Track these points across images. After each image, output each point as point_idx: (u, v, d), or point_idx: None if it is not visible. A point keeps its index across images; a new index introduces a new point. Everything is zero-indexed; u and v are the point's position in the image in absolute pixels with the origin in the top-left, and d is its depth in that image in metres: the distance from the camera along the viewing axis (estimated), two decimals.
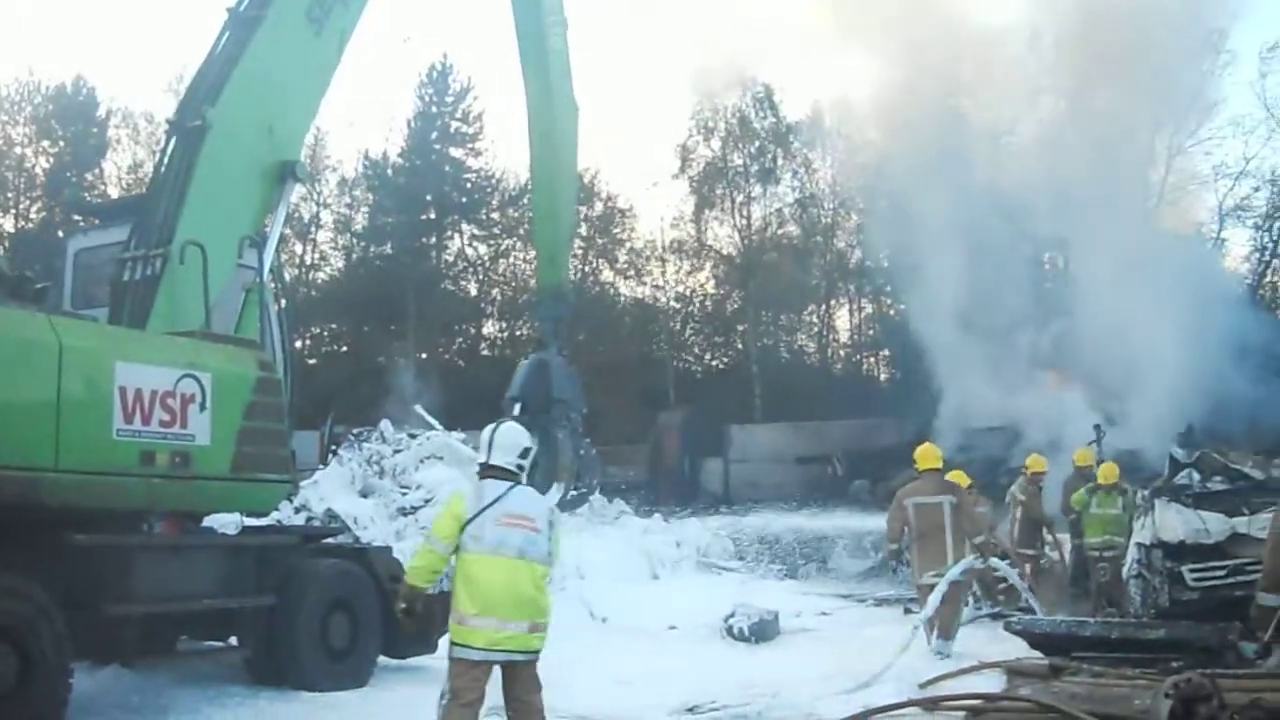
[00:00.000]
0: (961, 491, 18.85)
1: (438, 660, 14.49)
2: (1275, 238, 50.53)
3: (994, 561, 19.86)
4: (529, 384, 20.43)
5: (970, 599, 20.99)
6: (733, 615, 19.85)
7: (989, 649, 17.36)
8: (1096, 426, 27.89)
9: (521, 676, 10.04)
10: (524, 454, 10.22)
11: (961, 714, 13.01)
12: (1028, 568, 22.45)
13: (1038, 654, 16.42)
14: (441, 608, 10.01)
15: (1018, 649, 16.84)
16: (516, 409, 20.49)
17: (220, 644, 14.18)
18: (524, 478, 10.33)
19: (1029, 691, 14.20)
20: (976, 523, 18.61)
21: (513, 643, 9.85)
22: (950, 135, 39.85)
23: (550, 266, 21.30)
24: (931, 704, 13.57)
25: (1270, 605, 9.19)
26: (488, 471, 10.16)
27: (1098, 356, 32.50)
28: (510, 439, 10.22)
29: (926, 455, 18.76)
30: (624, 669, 16.19)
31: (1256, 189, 49.92)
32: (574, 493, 21.72)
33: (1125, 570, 19.24)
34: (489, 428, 10.38)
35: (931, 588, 17.52)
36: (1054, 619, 18.61)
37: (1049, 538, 23.07)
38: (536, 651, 10.09)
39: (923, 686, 14.79)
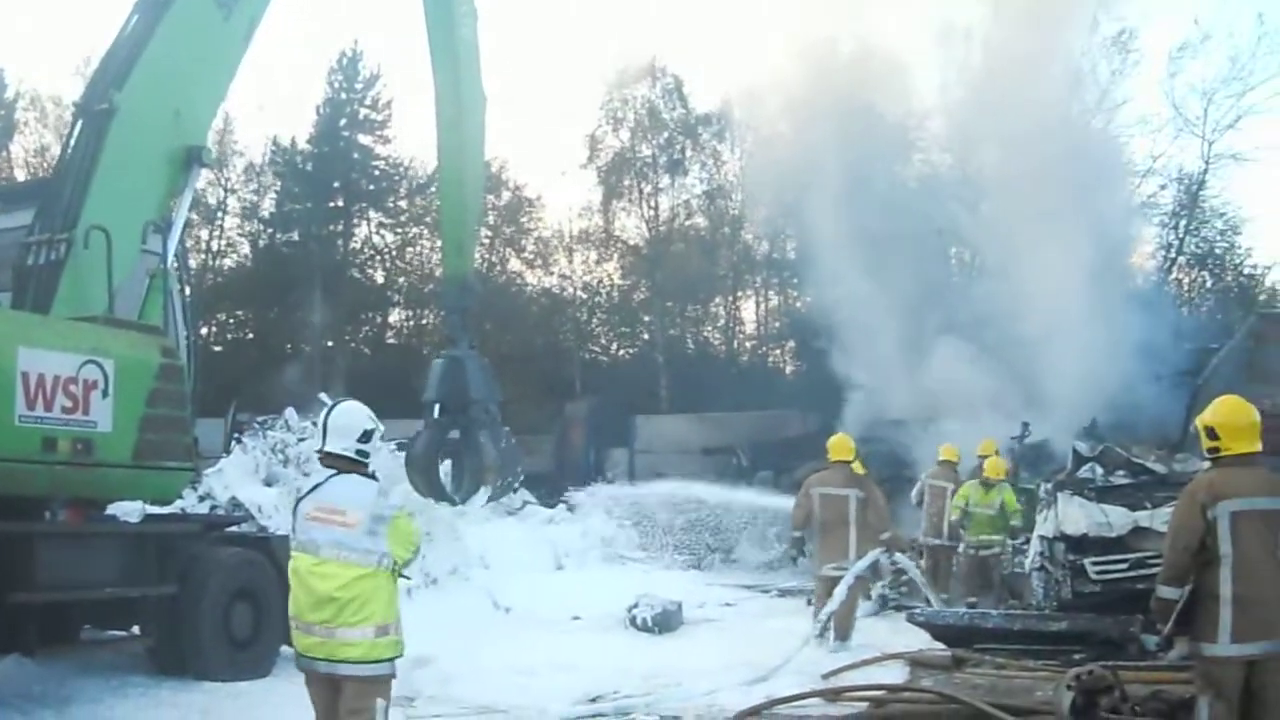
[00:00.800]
0: (870, 486, 18.93)
1: None
2: (1181, 235, 51.16)
3: (899, 558, 19.98)
4: (445, 385, 20.31)
5: (874, 593, 21.14)
6: (636, 605, 19.91)
7: (892, 640, 17.53)
8: (1025, 424, 28.08)
9: (347, 692, 8.82)
10: (365, 437, 9.11)
11: (864, 705, 13.11)
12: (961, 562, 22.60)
13: (940, 645, 16.59)
14: None
15: (920, 640, 17.01)
16: (436, 411, 20.39)
17: (123, 633, 14.09)
18: (370, 465, 9.24)
19: (931, 683, 14.36)
20: (884, 518, 18.69)
21: (320, 650, 8.73)
22: (860, 128, 39.90)
23: (457, 256, 21.17)
24: (834, 695, 13.68)
25: (1169, 598, 9.28)
26: (325, 460, 9.20)
27: (1007, 350, 32.62)
28: (347, 421, 9.20)
29: (838, 446, 18.84)
30: (527, 659, 16.23)
31: (1163, 186, 50.50)
32: (501, 484, 21.66)
33: (1029, 562, 19.39)
34: (325, 410, 9.43)
35: (830, 579, 17.64)
36: (957, 611, 18.80)
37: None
38: (353, 663, 8.72)
39: (825, 677, 14.91)
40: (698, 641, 18.88)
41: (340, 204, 62.78)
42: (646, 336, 62.00)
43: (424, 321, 63.36)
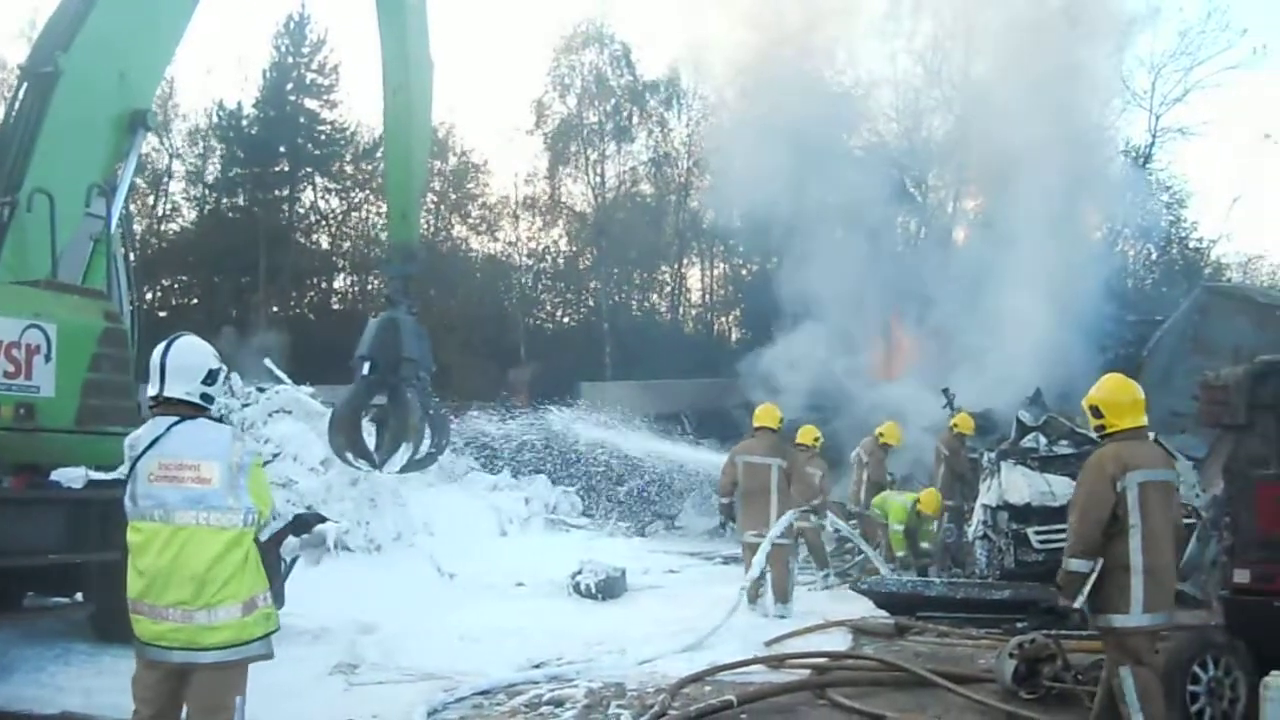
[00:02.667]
0: (794, 455, 19.18)
1: (287, 616, 14.44)
2: (1126, 208, 51.43)
3: (834, 520, 20.15)
4: (378, 342, 20.07)
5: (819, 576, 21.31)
6: (580, 572, 20.02)
7: (835, 607, 17.70)
8: (945, 390, 28.20)
9: (198, 684, 7.57)
10: (210, 378, 7.92)
11: (806, 672, 13.22)
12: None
13: (883, 613, 16.75)
14: (275, 557, 8.63)
15: (864, 608, 17.16)
16: (366, 368, 20.22)
17: (66, 600, 13.99)
18: (214, 410, 8.14)
19: (873, 650, 14.52)
20: (808, 487, 18.92)
21: (178, 637, 7.42)
22: (807, 97, 39.90)
23: (402, 223, 20.93)
24: (777, 662, 13.79)
25: (1079, 570, 9.44)
26: (162, 407, 7.84)
27: (955, 317, 32.67)
28: (190, 359, 7.90)
29: (763, 414, 19.10)
30: (471, 625, 16.30)
31: (1109, 160, 50.81)
32: (424, 453, 21.56)
33: (972, 531, 19.56)
34: (158, 349, 7.93)
35: (753, 546, 17.86)
36: (899, 579, 18.99)
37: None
38: (220, 649, 7.49)
39: (768, 644, 15.03)
40: (641, 608, 18.98)
41: (285, 168, 62.27)
42: (592, 303, 61.80)
43: (369, 287, 62.90)
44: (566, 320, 64.98)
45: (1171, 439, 21.57)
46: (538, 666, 14.03)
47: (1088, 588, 9.45)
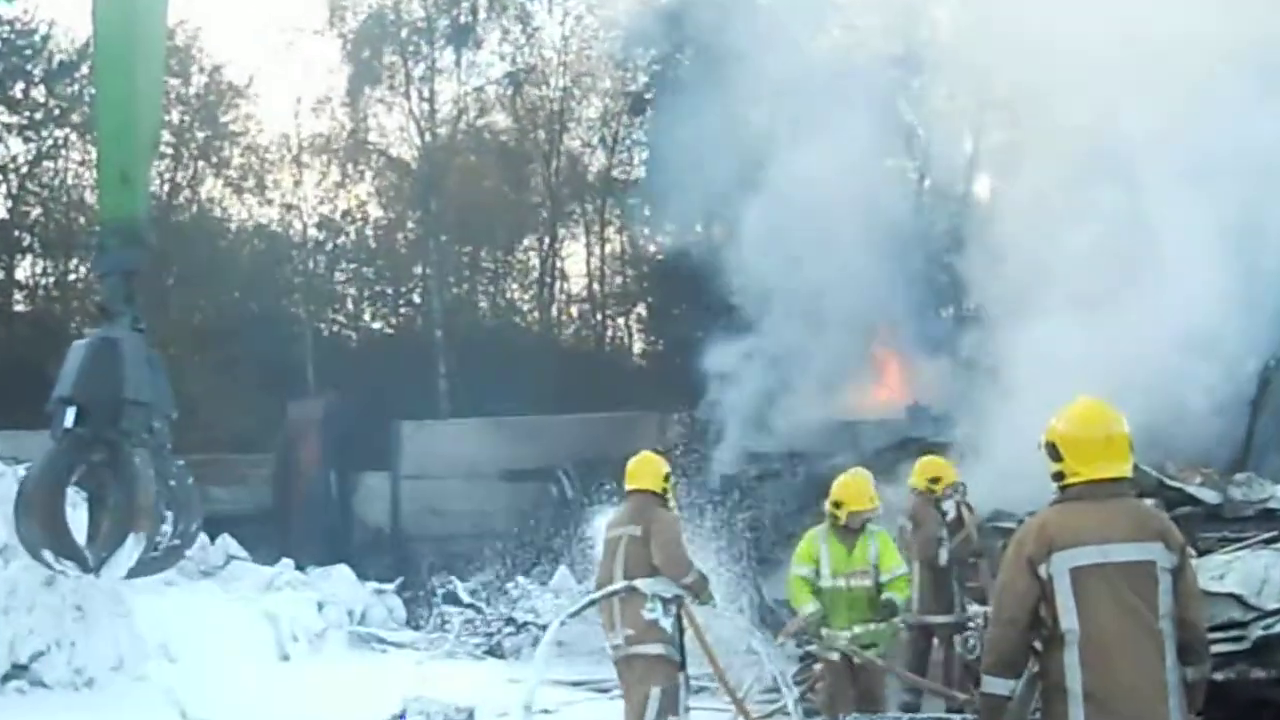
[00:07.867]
0: (657, 516, 17.77)
1: None
2: None
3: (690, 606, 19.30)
4: (88, 378, 19.80)
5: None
6: (403, 715, 20.12)
7: None
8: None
9: None
10: None
11: None
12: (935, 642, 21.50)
13: None
14: None
15: None
16: (70, 416, 19.86)
17: None
18: None
19: None
20: (671, 558, 17.45)
21: None
22: None
23: (120, 187, 20.51)
24: None
25: (998, 692, 9.25)
26: None
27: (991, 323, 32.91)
28: None
29: (633, 471, 17.94)
30: None
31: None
32: (164, 545, 21.31)
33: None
34: None
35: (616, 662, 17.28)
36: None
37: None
38: None
39: None
40: None
41: None
42: (418, 299, 61.70)
43: (70, 277, 62.53)
44: (379, 325, 64.84)
45: None
46: None
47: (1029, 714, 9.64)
